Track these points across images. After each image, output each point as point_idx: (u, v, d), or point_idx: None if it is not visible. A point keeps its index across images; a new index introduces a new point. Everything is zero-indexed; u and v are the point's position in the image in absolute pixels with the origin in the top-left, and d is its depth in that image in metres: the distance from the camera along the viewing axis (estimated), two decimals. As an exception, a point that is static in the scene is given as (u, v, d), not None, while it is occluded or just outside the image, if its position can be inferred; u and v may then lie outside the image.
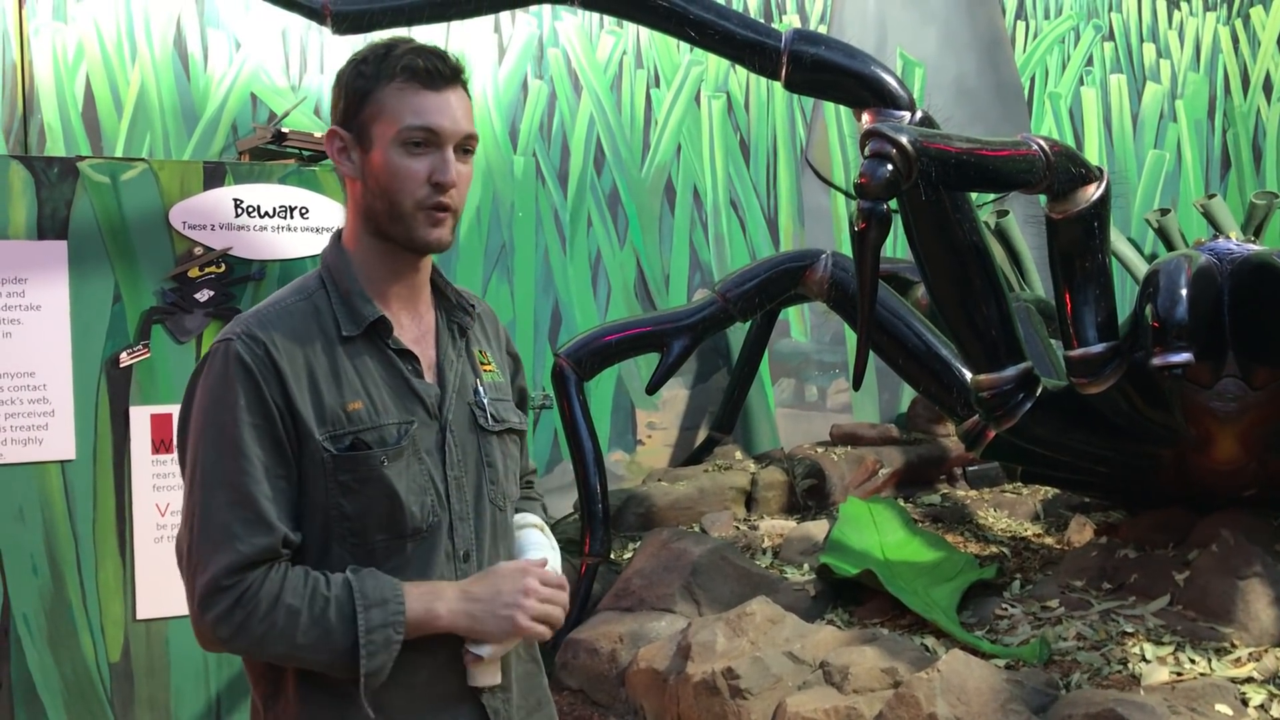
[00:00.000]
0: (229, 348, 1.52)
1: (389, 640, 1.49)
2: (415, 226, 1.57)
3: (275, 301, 1.60)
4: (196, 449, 1.52)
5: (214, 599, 1.46)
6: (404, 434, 1.57)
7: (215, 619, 1.46)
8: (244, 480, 1.48)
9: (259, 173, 2.98)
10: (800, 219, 4.79)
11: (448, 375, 1.65)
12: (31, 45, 3.46)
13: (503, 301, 4.17)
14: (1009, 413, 2.71)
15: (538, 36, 4.28)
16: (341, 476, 1.53)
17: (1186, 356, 2.38)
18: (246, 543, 1.47)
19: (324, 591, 1.49)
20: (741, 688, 2.41)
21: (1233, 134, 5.95)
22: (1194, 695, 2.18)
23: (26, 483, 2.75)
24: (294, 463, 1.53)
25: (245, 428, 1.49)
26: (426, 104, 1.56)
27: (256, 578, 1.47)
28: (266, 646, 1.49)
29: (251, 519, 1.48)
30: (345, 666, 1.49)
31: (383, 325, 1.60)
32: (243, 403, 1.49)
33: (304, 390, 1.53)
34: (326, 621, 1.48)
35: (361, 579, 1.51)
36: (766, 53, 2.57)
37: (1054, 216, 2.41)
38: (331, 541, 1.54)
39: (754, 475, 3.96)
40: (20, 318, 2.74)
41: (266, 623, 1.46)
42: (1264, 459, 2.79)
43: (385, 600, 1.50)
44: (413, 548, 1.58)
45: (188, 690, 2.88)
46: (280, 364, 1.52)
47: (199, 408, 1.53)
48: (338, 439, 1.53)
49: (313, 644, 1.48)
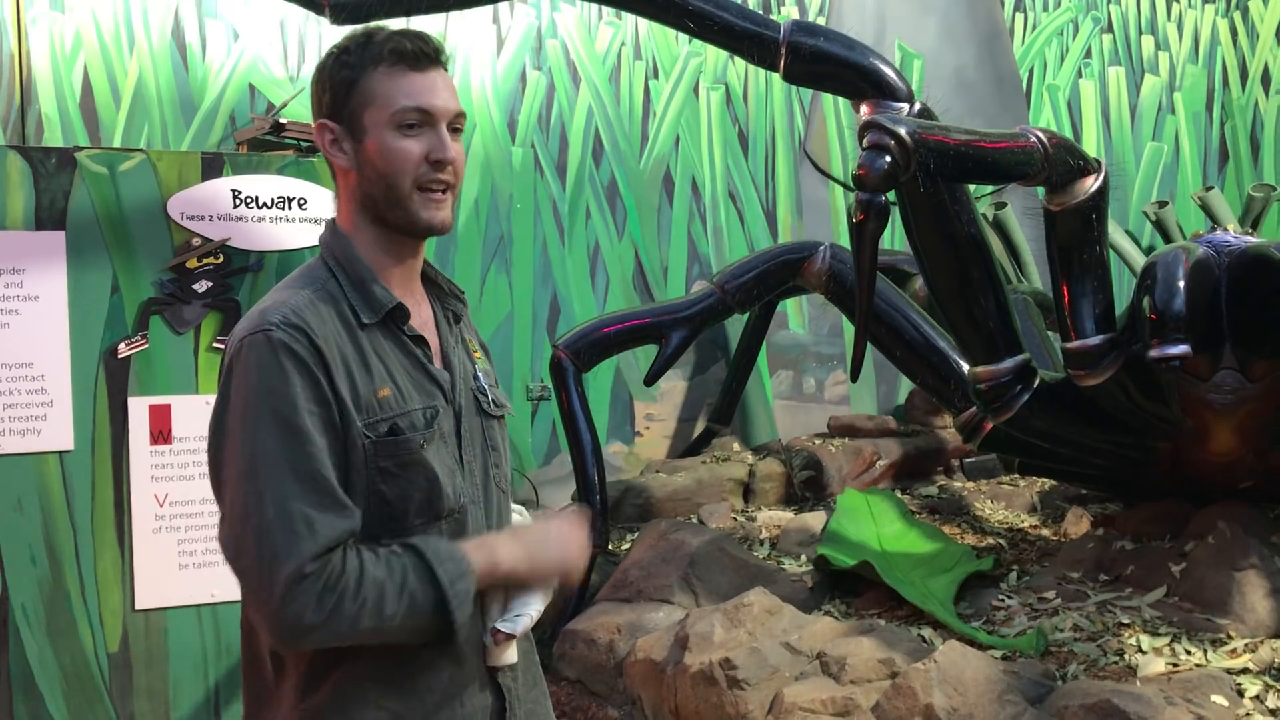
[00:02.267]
0: (271, 337, 1.49)
1: (468, 590, 1.53)
2: (416, 210, 1.58)
3: (295, 291, 1.58)
4: (252, 441, 1.48)
5: (301, 587, 1.43)
6: (432, 418, 1.59)
7: (304, 607, 1.43)
8: (315, 466, 1.47)
9: (257, 163, 2.97)
10: (798, 211, 4.79)
11: (453, 361, 1.67)
12: (29, 35, 3.45)
13: (501, 293, 4.17)
14: (1006, 405, 2.71)
15: (536, 27, 4.27)
16: (383, 463, 1.53)
17: (1184, 349, 2.38)
18: (328, 526, 1.46)
19: (398, 561, 1.51)
20: (739, 678, 2.41)
21: (1231, 126, 5.95)
22: (1190, 686, 2.18)
23: (25, 473, 2.75)
24: (344, 451, 1.53)
25: (305, 414, 1.48)
26: (416, 85, 1.56)
27: (338, 559, 1.46)
28: (359, 624, 1.47)
29: (329, 503, 1.47)
30: (434, 625, 1.51)
31: (400, 312, 1.60)
32: (299, 390, 1.48)
33: (342, 379, 1.53)
34: (410, 586, 1.49)
35: (424, 542, 1.53)
36: (765, 44, 2.56)
37: (1052, 209, 2.41)
38: (371, 527, 1.54)
39: (752, 467, 3.96)
40: (18, 308, 2.74)
41: (358, 600, 1.46)
42: (1261, 451, 2.80)
43: (453, 555, 1.53)
44: (446, 529, 1.60)
45: (186, 680, 2.88)
46: (324, 352, 1.51)
47: (247, 400, 1.49)
48: (374, 425, 1.53)
49: (404, 611, 1.49)
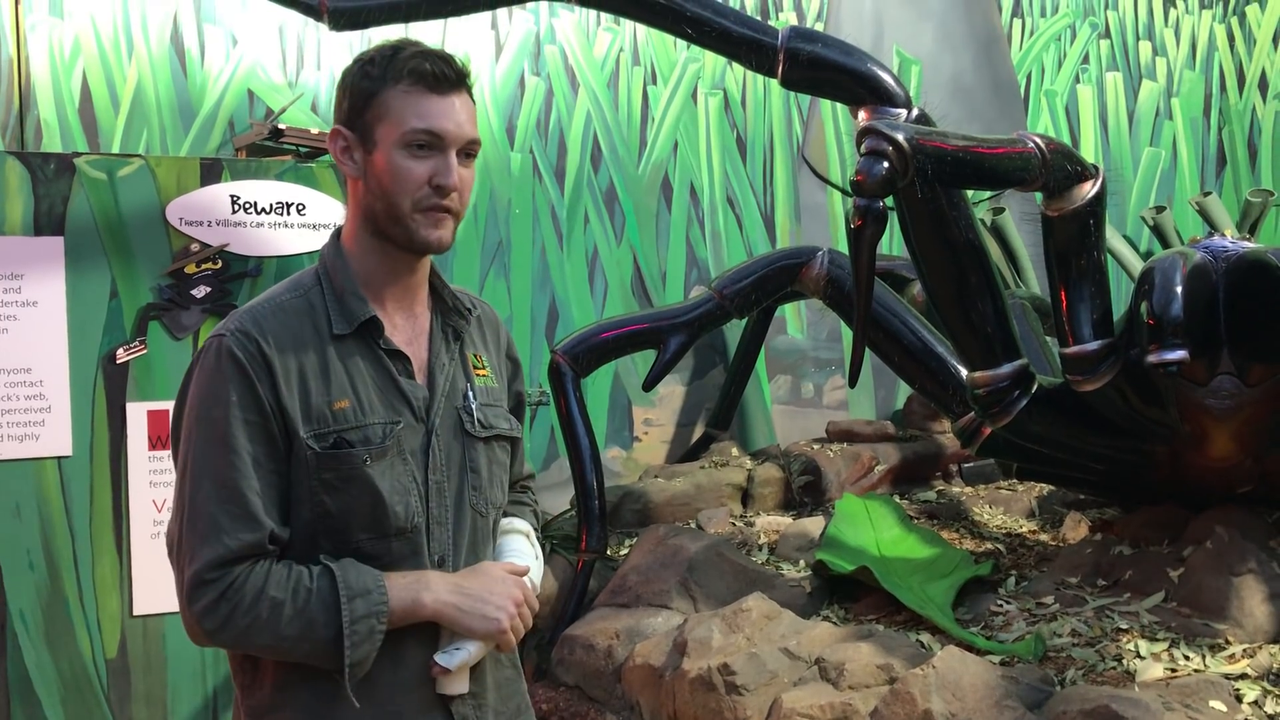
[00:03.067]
0: (222, 344, 1.53)
1: (372, 630, 1.50)
2: (414, 227, 1.57)
3: (270, 297, 1.61)
4: (188, 442, 1.53)
5: (199, 591, 1.48)
6: (389, 434, 1.58)
7: (201, 611, 1.49)
8: (232, 475, 1.50)
9: (256, 169, 2.97)
10: (797, 216, 4.80)
11: (438, 378, 1.65)
12: (28, 41, 3.46)
13: (500, 298, 4.17)
14: (1005, 410, 2.71)
15: (535, 33, 4.28)
16: (325, 474, 1.54)
17: (1182, 354, 2.38)
18: (233, 537, 1.48)
19: (307, 584, 1.50)
20: (737, 684, 2.41)
21: (1228, 132, 5.96)
22: (1188, 691, 2.18)
23: (23, 479, 2.75)
24: (284, 459, 1.54)
25: (236, 423, 1.50)
26: (431, 108, 1.56)
27: (242, 572, 1.49)
28: (252, 639, 1.50)
29: (238, 514, 1.49)
30: (329, 657, 1.50)
31: (374, 325, 1.60)
32: (234, 398, 1.51)
33: (293, 387, 1.54)
34: (310, 613, 1.49)
35: (344, 569, 1.52)
36: (763, 50, 2.57)
37: (1050, 214, 2.41)
38: (317, 537, 1.55)
39: (750, 472, 3.96)
40: (17, 314, 2.74)
41: (250, 615, 1.48)
42: (1259, 456, 2.80)
43: (368, 590, 1.51)
44: (397, 547, 1.58)
45: (184, 686, 2.88)
46: (271, 361, 1.53)
47: (191, 402, 1.55)
48: (321, 437, 1.54)
49: (296, 635, 1.49)
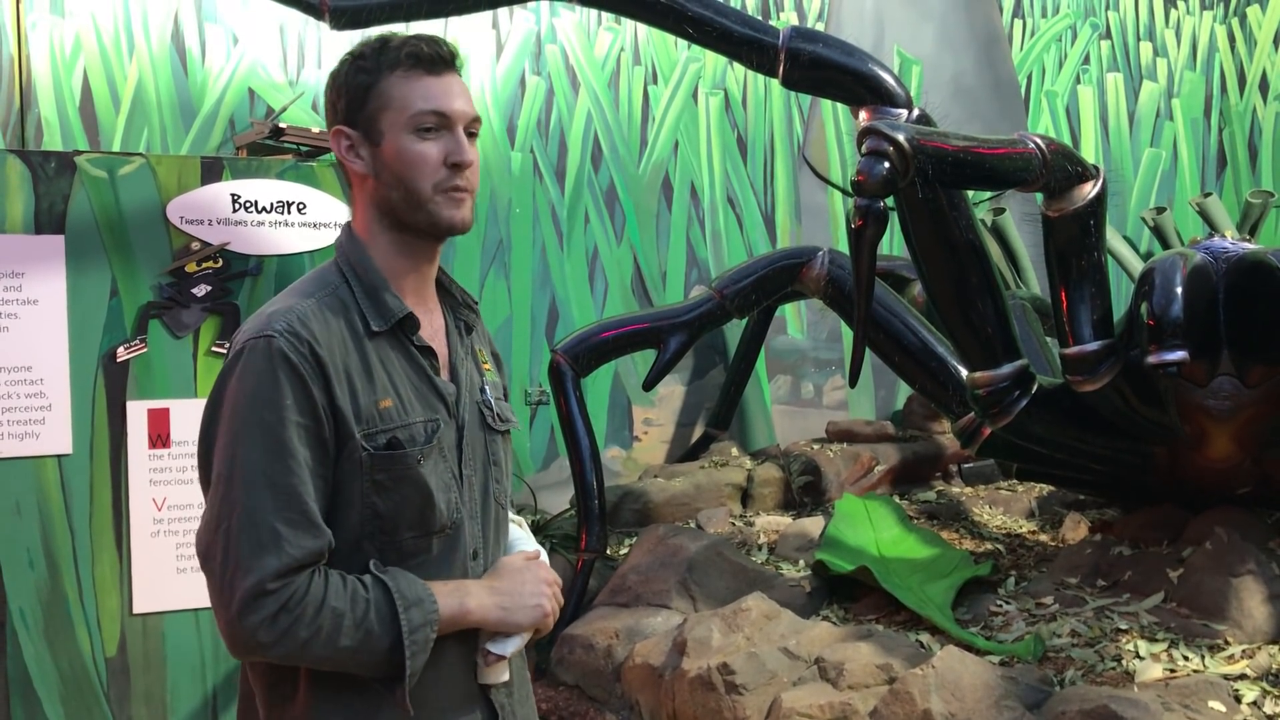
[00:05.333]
0: (271, 344, 1.48)
1: (427, 640, 1.50)
2: (437, 209, 1.56)
3: (305, 295, 1.56)
4: (236, 448, 1.46)
5: (258, 603, 1.42)
6: (433, 433, 1.57)
7: (259, 624, 1.42)
8: (292, 481, 1.45)
9: (256, 168, 2.97)
10: (797, 216, 4.80)
11: (460, 373, 1.65)
12: (29, 39, 3.46)
13: (500, 298, 4.17)
14: (1004, 410, 2.71)
15: (536, 33, 4.28)
16: (378, 475, 1.52)
17: (1181, 355, 2.38)
18: (296, 546, 1.44)
19: (364, 594, 1.48)
20: (737, 683, 2.41)
21: (1229, 133, 5.96)
22: (1187, 692, 2.18)
23: (23, 477, 2.75)
24: (333, 463, 1.51)
25: (292, 427, 1.46)
26: (433, 89, 1.56)
27: (303, 582, 1.44)
28: (309, 651, 1.45)
29: (300, 521, 1.45)
30: (386, 666, 1.49)
31: (409, 321, 1.59)
32: (289, 401, 1.46)
33: (344, 388, 1.51)
34: (369, 624, 1.47)
35: (395, 579, 1.50)
36: (764, 50, 2.57)
37: (1050, 214, 2.41)
38: (362, 540, 1.53)
39: (750, 472, 3.97)
40: (17, 312, 2.74)
41: (313, 628, 1.44)
42: (1258, 457, 2.80)
43: (420, 600, 1.50)
44: (438, 545, 1.58)
45: (184, 685, 2.88)
46: (324, 362, 1.49)
47: (237, 405, 1.48)
48: (372, 437, 1.52)
49: (356, 647, 1.46)
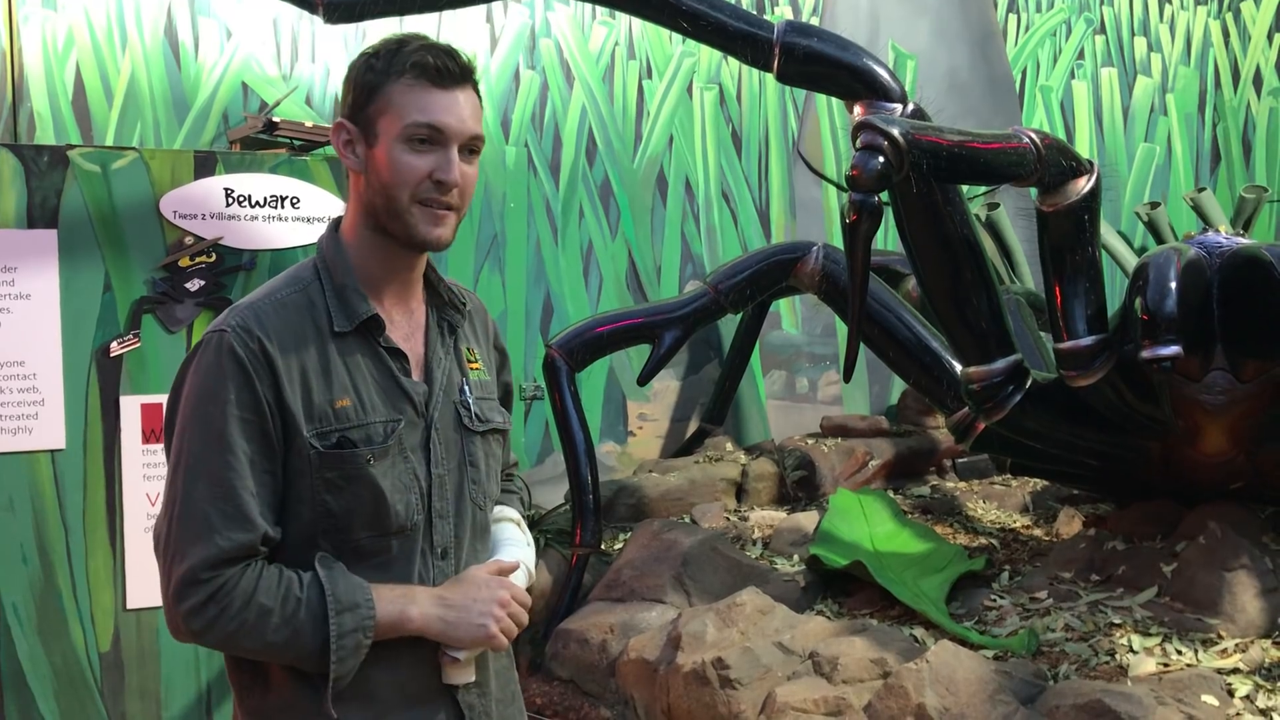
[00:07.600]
0: (223, 339, 1.51)
1: (359, 645, 1.50)
2: (414, 223, 1.56)
3: (270, 293, 1.59)
4: (182, 438, 1.51)
5: (188, 591, 1.46)
6: (390, 433, 1.57)
7: (188, 611, 1.47)
8: (228, 474, 1.48)
9: (250, 162, 2.97)
10: (792, 211, 4.79)
11: (435, 373, 1.65)
12: (21, 33, 3.44)
13: (494, 292, 4.17)
14: (998, 405, 2.71)
15: (530, 27, 4.27)
16: (327, 474, 1.53)
17: (1175, 349, 2.38)
18: (225, 538, 1.46)
19: (297, 593, 1.49)
20: (731, 678, 2.42)
21: (1223, 128, 5.97)
22: (1181, 686, 2.19)
23: (16, 472, 2.74)
24: (281, 459, 1.52)
25: (234, 421, 1.48)
26: (434, 102, 1.55)
27: (233, 575, 1.47)
28: (238, 642, 1.49)
29: (232, 514, 1.47)
30: (314, 665, 1.50)
31: (375, 323, 1.59)
32: (233, 396, 1.48)
33: (295, 386, 1.52)
34: (297, 622, 1.48)
35: (334, 580, 1.51)
36: (759, 44, 2.56)
37: (1044, 209, 2.42)
38: (316, 537, 1.54)
39: (744, 467, 3.97)
40: (10, 306, 2.73)
41: (238, 620, 1.46)
42: (1252, 452, 2.80)
43: (356, 605, 1.50)
44: (396, 545, 1.58)
45: (178, 679, 2.88)
46: (274, 359, 1.51)
47: (188, 397, 1.52)
48: (324, 436, 1.53)
49: (283, 643, 1.49)
